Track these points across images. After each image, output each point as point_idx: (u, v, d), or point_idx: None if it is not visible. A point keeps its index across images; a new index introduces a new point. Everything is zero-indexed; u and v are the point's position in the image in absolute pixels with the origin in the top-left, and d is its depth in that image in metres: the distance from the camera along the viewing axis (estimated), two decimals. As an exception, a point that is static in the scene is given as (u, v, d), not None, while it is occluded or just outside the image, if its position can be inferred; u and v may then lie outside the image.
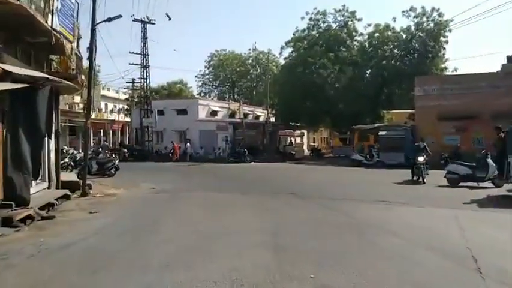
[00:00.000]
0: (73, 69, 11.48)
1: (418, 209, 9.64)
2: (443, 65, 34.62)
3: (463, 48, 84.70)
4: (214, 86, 59.69)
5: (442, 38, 34.16)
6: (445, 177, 14.45)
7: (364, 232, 6.98)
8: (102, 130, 52.77)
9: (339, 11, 38.35)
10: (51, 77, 8.74)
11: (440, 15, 33.74)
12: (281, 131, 35.00)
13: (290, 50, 40.54)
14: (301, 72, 37.34)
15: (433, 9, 34.08)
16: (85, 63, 12.76)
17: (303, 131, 36.19)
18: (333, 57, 36.10)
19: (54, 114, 10.27)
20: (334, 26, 38.70)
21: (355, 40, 39.29)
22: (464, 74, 26.02)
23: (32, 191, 10.09)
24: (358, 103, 34.48)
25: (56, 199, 10.30)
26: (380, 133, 25.51)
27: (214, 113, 38.25)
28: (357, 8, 46.00)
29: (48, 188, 11.41)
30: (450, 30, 33.64)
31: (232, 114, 40.31)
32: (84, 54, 12.77)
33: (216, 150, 32.97)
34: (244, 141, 31.32)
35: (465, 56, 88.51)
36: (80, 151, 38.75)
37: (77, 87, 10.86)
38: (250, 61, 56.75)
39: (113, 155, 21.45)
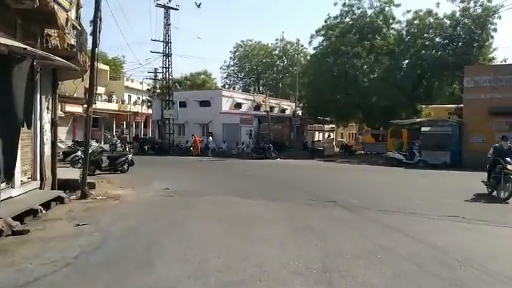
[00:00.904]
0: (71, 46, 9.56)
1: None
2: (491, 55, 31.25)
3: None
4: (239, 78, 57.59)
5: (490, 25, 30.76)
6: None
7: (468, 275, 4.69)
8: (125, 122, 51.94)
9: (376, -5, 35.32)
10: (31, 49, 6.77)
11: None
12: (310, 125, 32.52)
13: (321, 39, 37.88)
14: (333, 62, 34.78)
15: (479, -7, 30.68)
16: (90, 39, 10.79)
17: (333, 125, 33.57)
18: (368, 46, 33.25)
19: (41, 99, 8.37)
20: (369, 12, 35.72)
21: (392, 28, 36.20)
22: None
23: (15, 192, 8.27)
24: (394, 96, 31.60)
25: (45, 203, 8.45)
26: (423, 129, 22.74)
27: (238, 106, 36.17)
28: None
29: (41, 188, 9.60)
30: (500, 17, 30.24)
31: (257, 107, 38.15)
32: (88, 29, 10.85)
33: (239, 145, 30.95)
34: (269, 135, 29.11)
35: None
36: (100, 143, 37.90)
37: (74, 67, 8.91)
38: (277, 52, 54.25)
39: (127, 149, 19.70)
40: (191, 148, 30.06)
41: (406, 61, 34.43)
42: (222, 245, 5.93)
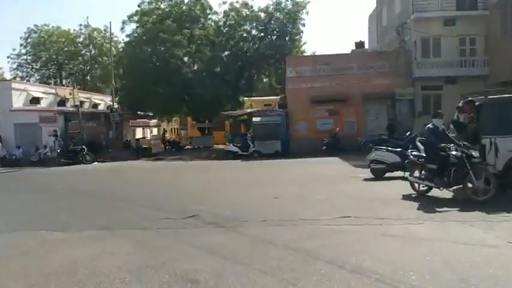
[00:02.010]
0: None
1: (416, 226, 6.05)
2: (302, 48, 33.51)
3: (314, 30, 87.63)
4: (34, 69, 47.64)
5: (299, 20, 32.91)
6: (369, 166, 11.57)
7: None
8: None
9: (191, -17, 33.55)
10: None
11: (295, -1, 32.28)
12: (132, 120, 28.47)
13: (134, 25, 34.03)
14: (152, 50, 31.53)
15: (290, -12, 32.43)
16: None
17: (158, 120, 30.37)
18: (188, 34, 31.22)
19: None
20: (186, 0, 33.74)
21: (210, 19, 35.18)
22: (335, 54, 24.70)
23: None
24: (218, 88, 30.64)
25: None
26: (254, 119, 22.13)
27: (36, 101, 29.00)
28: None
29: None
30: (307, 12, 32.63)
31: (61, 102, 31.59)
32: None
33: (41, 150, 24.62)
34: (81, 135, 23.96)
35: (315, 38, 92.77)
36: None
37: None
38: (81, 39, 47.01)
39: None
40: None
41: (227, 52, 33.95)
42: None
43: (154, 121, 27.72)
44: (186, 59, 31.96)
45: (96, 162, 22.68)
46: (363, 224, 6.16)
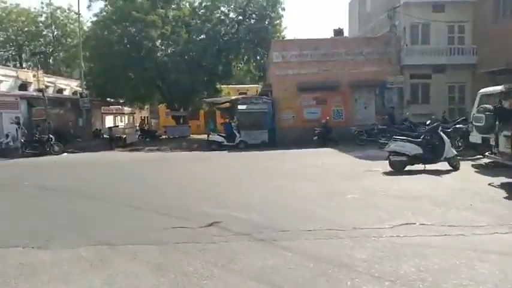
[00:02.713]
0: None
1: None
2: (282, 33, 32.18)
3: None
4: (-10, 50, 43.85)
5: (279, 4, 31.52)
6: (388, 159, 10.56)
7: None
8: None
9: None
10: None
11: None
12: (104, 107, 26.32)
13: (102, 4, 31.62)
14: (122, 31, 29.30)
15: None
16: None
17: (132, 108, 28.29)
18: (163, 14, 29.18)
19: None
20: (159, -23, 31.48)
21: (185, -1, 33.14)
22: (323, 39, 23.60)
23: None
24: (195, 74, 29.00)
25: None
26: (240, 107, 20.74)
27: (-7, 84, 26.34)
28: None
29: None
30: (287, -4, 31.29)
31: (23, 86, 28.93)
32: None
33: (1, 139, 22.20)
34: (48, 123, 21.77)
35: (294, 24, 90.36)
36: None
37: None
38: (43, 19, 43.50)
39: None
40: None
41: (203, 36, 32.10)
42: None
43: (128, 108, 25.68)
44: (159, 41, 29.91)
45: (65, 153, 20.66)
46: (441, 235, 5.07)
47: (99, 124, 32.24)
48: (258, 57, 33.58)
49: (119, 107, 24.85)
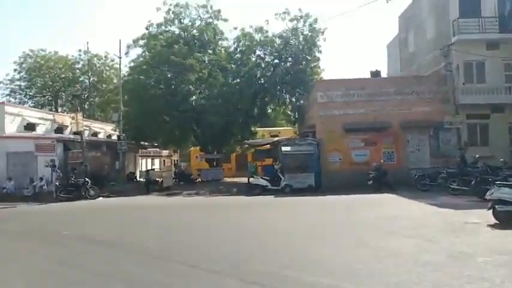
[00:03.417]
0: None
1: None
2: (321, 75, 31.37)
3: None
4: (28, 96, 44.90)
5: (316, 48, 30.96)
6: (491, 209, 8.84)
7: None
8: None
9: (203, 6, 31.75)
10: None
11: (315, 21, 30.55)
12: (143, 150, 25.58)
13: (140, 50, 31.89)
14: (160, 75, 29.25)
15: (307, 14, 30.75)
16: None
17: (169, 151, 27.52)
18: (201, 58, 29.06)
19: None
20: (198, 23, 31.81)
21: (220, 45, 33.18)
22: (370, 78, 22.67)
23: None
24: (230, 116, 28.23)
25: None
26: (283, 149, 19.46)
27: (31, 127, 26.15)
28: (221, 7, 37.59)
29: None
30: (325, 39, 30.81)
31: (59, 130, 28.79)
32: None
33: (36, 182, 21.52)
34: (85, 166, 21.01)
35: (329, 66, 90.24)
36: None
37: None
38: (80, 66, 44.67)
39: None
40: None
41: (238, 80, 31.69)
42: None
43: (166, 151, 24.84)
44: (196, 85, 29.62)
45: (100, 197, 19.68)
46: None
47: (132, 167, 31.56)
48: (294, 100, 32.83)
49: (157, 149, 24.03)
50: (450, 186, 14.77)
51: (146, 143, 31.31)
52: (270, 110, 33.19)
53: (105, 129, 35.99)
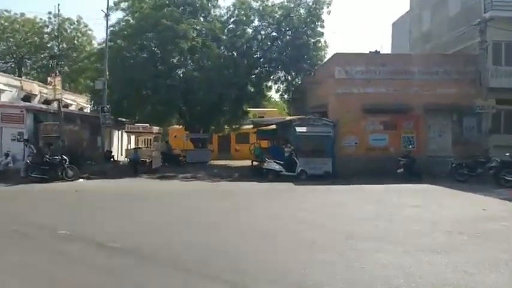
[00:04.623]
0: None
1: None
2: (322, 52, 28.73)
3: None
4: (-13, 60, 39.92)
5: (320, 22, 28.26)
6: None
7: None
8: None
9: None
10: None
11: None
12: (130, 125, 22.28)
13: (121, 14, 28.20)
14: (146, 41, 25.85)
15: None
16: None
17: (157, 127, 24.11)
18: (195, 24, 25.80)
19: None
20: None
21: (213, 13, 29.83)
22: (394, 54, 20.58)
23: None
24: (224, 92, 25.34)
25: None
26: (298, 129, 16.95)
27: (-6, 94, 22.34)
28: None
29: None
30: (329, 12, 28.21)
31: (26, 98, 24.98)
32: None
33: (1, 159, 18.08)
34: (62, 141, 17.72)
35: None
36: None
37: None
38: (49, 30, 39.96)
39: None
40: None
41: (233, 52, 28.67)
42: None
43: (156, 128, 21.72)
44: (193, 54, 26.42)
45: (81, 179, 16.58)
46: None
47: (108, 145, 28.08)
48: (290, 78, 30.26)
49: (147, 125, 20.87)
50: (504, 178, 12.91)
51: (124, 119, 27.90)
52: (265, 87, 30.37)
53: (76, 102, 32.19)
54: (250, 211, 9.48)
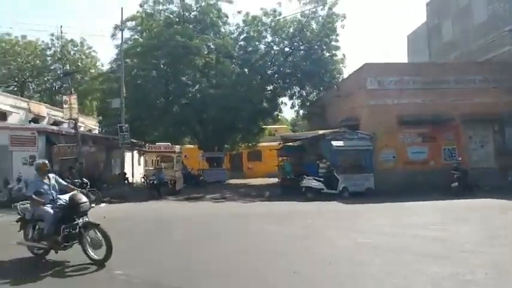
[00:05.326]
0: None
1: None
2: (343, 65, 27.92)
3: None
4: (-11, 85, 38.67)
5: (334, 36, 27.55)
6: None
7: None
8: None
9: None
10: None
11: (334, 4, 27.11)
12: (151, 145, 20.97)
13: (129, 34, 27.41)
14: (158, 59, 24.93)
15: (326, -5, 27.30)
16: None
17: (177, 146, 22.80)
18: (207, 41, 24.92)
19: None
20: (200, 2, 27.58)
21: (224, 29, 29.09)
22: (427, 63, 19.60)
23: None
24: (240, 110, 24.19)
25: None
26: (334, 144, 15.81)
27: (2, 116, 21.07)
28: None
29: None
30: (343, 26, 27.59)
31: (34, 121, 23.73)
32: None
33: (12, 184, 16.65)
34: (81, 163, 16.40)
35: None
36: None
37: None
38: (51, 52, 39.05)
39: None
40: None
41: (246, 69, 27.79)
42: None
43: (177, 147, 20.44)
44: (208, 71, 25.54)
45: (103, 204, 15.22)
46: None
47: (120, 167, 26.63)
48: (305, 93, 29.38)
49: (169, 144, 19.60)
50: None
51: (135, 140, 26.66)
52: (280, 103, 29.35)
53: (85, 123, 30.96)
54: (329, 238, 8.18)
